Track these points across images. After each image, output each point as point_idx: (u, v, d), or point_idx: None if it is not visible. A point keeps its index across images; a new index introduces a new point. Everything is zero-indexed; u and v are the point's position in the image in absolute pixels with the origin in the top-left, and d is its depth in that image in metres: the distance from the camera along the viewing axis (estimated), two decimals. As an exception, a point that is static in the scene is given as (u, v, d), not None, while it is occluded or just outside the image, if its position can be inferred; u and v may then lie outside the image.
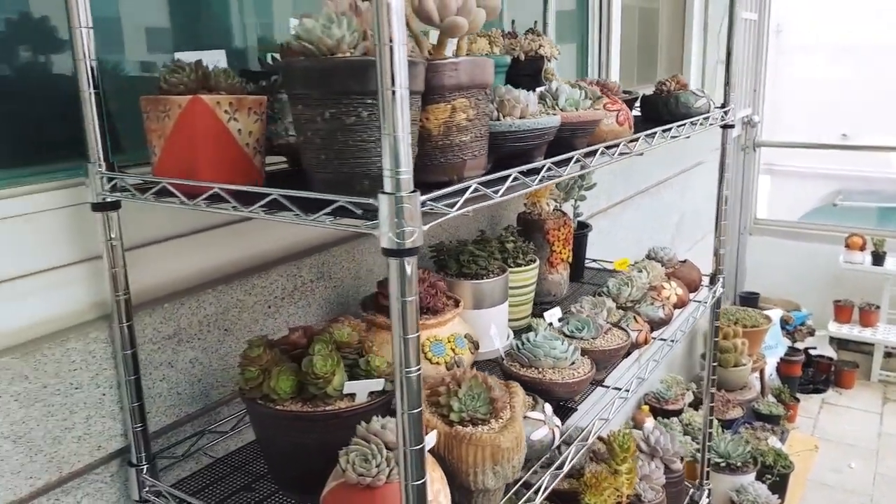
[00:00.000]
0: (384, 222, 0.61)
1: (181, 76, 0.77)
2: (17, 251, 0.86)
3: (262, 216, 0.71)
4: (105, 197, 0.85)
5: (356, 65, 0.65)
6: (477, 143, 0.83)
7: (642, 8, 2.94)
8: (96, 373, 0.90)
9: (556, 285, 1.60)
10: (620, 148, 1.05)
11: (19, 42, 0.93)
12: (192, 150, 0.77)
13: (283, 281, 1.16)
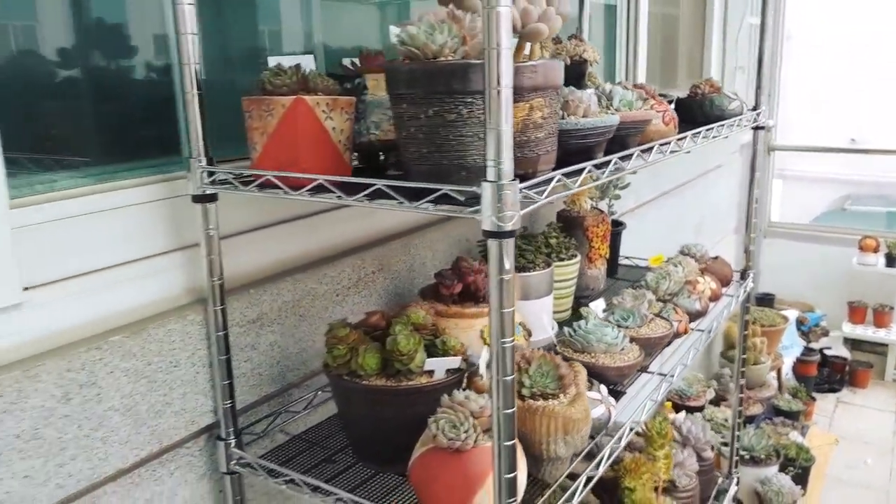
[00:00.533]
0: (487, 207, 0.68)
1: (284, 79, 0.85)
2: (125, 240, 0.94)
3: (365, 205, 0.78)
4: (205, 189, 0.93)
5: (459, 67, 0.72)
6: (549, 139, 0.90)
7: (664, 14, 3.01)
8: (192, 352, 0.98)
9: (595, 280, 1.67)
10: (672, 146, 1.13)
11: (125, 50, 1.01)
12: (293, 146, 0.85)
13: (350, 272, 1.23)
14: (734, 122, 1.49)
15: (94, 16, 0.99)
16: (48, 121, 0.94)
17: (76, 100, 0.97)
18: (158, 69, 1.06)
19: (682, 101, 1.68)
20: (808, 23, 8.19)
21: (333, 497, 0.91)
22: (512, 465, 0.75)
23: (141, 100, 1.04)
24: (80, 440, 0.86)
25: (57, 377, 0.82)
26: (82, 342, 0.85)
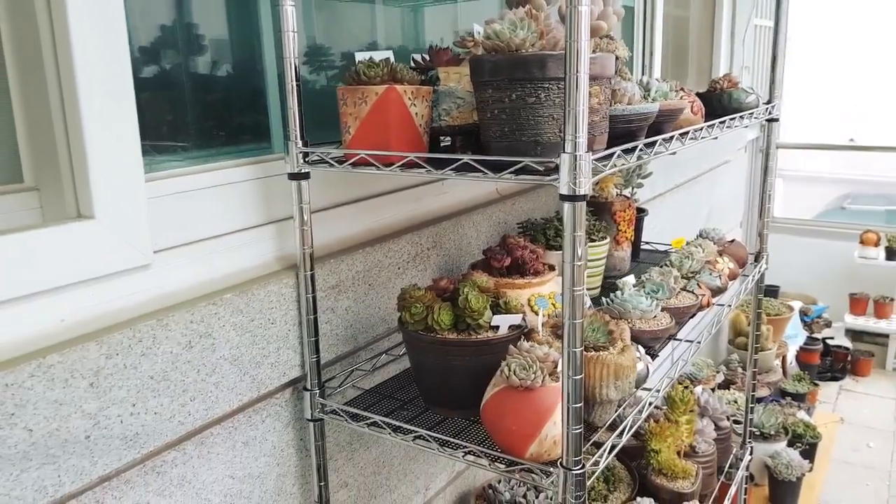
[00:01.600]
0: (564, 175, 0.81)
1: (377, 70, 0.98)
2: (230, 212, 1.07)
3: (451, 177, 0.92)
4: (301, 168, 1.06)
5: (538, 58, 0.86)
6: (603, 122, 1.03)
7: (675, 16, 3.15)
8: (286, 311, 1.11)
9: (621, 261, 1.80)
10: (703, 132, 1.26)
11: (227, 51, 1.15)
12: (385, 129, 0.98)
13: (409, 247, 1.36)
14: (751, 114, 1.62)
15: (207, 24, 1.13)
16: (166, 110, 1.07)
17: (187, 93, 1.11)
18: (252, 67, 1.19)
19: (703, 94, 1.82)
20: (807, 24, 8.31)
21: (413, 435, 1.05)
22: (578, 397, 0.88)
23: (239, 92, 1.18)
24: (198, 384, 0.99)
25: (183, 327, 0.95)
26: (202, 298, 0.99)
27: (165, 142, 1.07)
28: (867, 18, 7.81)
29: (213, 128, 1.13)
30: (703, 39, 3.44)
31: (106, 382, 0.86)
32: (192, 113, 1.12)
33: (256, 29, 1.19)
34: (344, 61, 1.44)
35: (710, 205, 3.40)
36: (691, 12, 3.34)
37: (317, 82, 1.38)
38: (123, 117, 0.90)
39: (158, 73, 1.07)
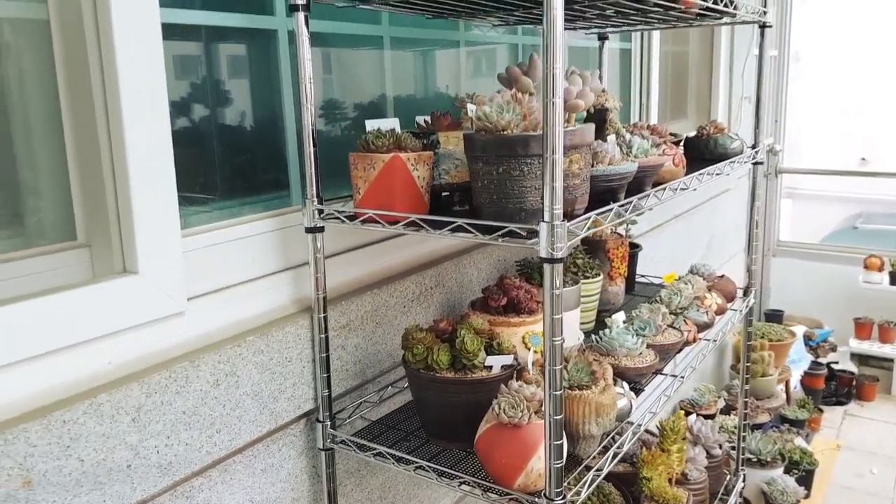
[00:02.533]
0: (543, 241, 0.94)
1: (384, 140, 1.11)
2: (253, 261, 1.21)
3: (447, 237, 1.04)
4: (317, 223, 1.19)
5: (521, 138, 0.98)
6: (584, 184, 1.16)
7: (674, 52, 3.28)
8: (301, 350, 1.24)
9: (615, 295, 1.91)
10: (680, 185, 1.38)
11: (254, 117, 1.29)
12: (390, 191, 1.11)
13: (413, 287, 1.49)
14: (735, 161, 1.74)
15: (232, 89, 1.27)
16: (198, 168, 1.21)
17: (215, 151, 1.25)
18: (275, 129, 1.33)
19: (690, 140, 1.94)
20: (817, 43, 8.39)
21: (414, 465, 1.16)
22: (559, 435, 1.00)
23: (261, 150, 1.31)
24: (223, 417, 1.12)
25: (211, 367, 1.08)
26: (228, 340, 1.12)
27: (198, 194, 1.20)
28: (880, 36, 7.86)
29: (239, 182, 1.27)
30: (703, 73, 3.56)
31: (145, 417, 0.99)
32: (219, 168, 1.26)
33: (278, 94, 1.33)
34: (357, 111, 1.58)
35: (711, 233, 3.51)
36: (690, 47, 3.46)
37: (332, 132, 1.52)
38: (164, 184, 1.04)
39: (189, 133, 1.21)
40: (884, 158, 8.18)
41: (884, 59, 7.87)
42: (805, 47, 8.71)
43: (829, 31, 8.40)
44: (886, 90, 7.89)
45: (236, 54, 1.31)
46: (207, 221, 1.19)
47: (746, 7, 1.66)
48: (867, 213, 8.27)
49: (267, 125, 1.33)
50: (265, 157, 1.33)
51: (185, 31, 1.19)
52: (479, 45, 1.94)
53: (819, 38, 8.39)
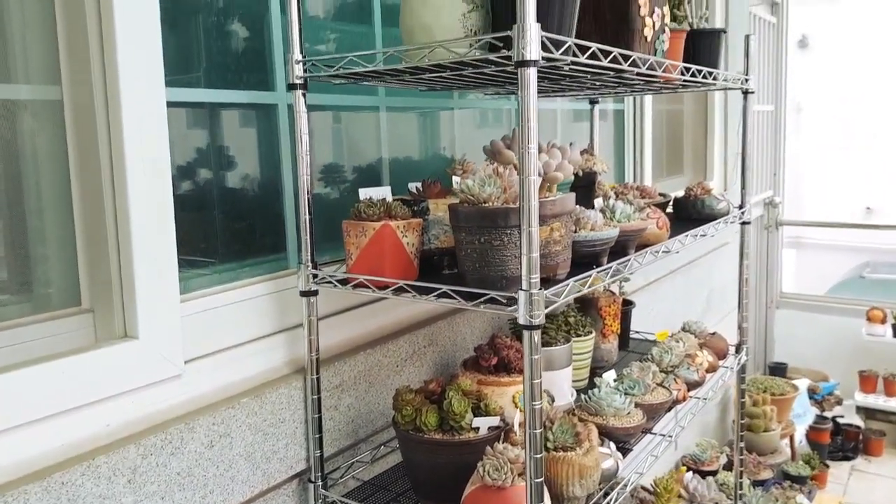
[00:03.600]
0: (521, 309, 0.99)
1: (375, 209, 1.17)
2: (248, 324, 1.26)
3: (434, 302, 1.09)
4: (311, 287, 1.25)
5: (502, 211, 1.04)
6: (565, 250, 1.21)
7: (669, 110, 3.37)
8: (294, 411, 1.28)
9: (608, 353, 1.95)
10: (662, 248, 1.43)
11: (253, 188, 1.36)
12: (380, 257, 1.17)
13: (407, 346, 1.53)
14: (720, 222, 1.79)
15: (233, 156, 1.34)
16: (198, 232, 1.27)
17: (216, 217, 1.31)
18: (274, 195, 1.40)
19: (679, 200, 2.00)
20: (819, 93, 8.53)
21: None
22: (541, 497, 1.03)
23: (260, 216, 1.38)
24: (217, 478, 1.15)
25: (206, 428, 1.12)
26: (223, 402, 1.16)
27: (198, 257, 1.26)
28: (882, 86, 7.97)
29: (238, 246, 1.33)
30: (698, 130, 3.65)
31: (141, 479, 1.03)
32: (219, 233, 1.32)
33: (277, 162, 1.40)
34: (355, 173, 1.65)
35: (710, 287, 3.54)
36: (685, 105, 3.56)
37: (331, 194, 1.58)
38: (165, 253, 1.10)
39: (192, 199, 1.28)
40: (888, 208, 8.21)
41: (886, 109, 7.96)
42: (807, 98, 8.86)
43: (831, 81, 8.53)
44: (890, 139, 7.96)
45: (238, 126, 1.38)
46: (206, 285, 1.25)
47: (726, 77, 1.74)
48: (874, 262, 8.26)
49: (266, 191, 1.40)
50: (263, 222, 1.40)
51: (190, 105, 1.27)
52: (473, 108, 2.02)
53: (821, 89, 8.53)
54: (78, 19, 1.05)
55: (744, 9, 3.83)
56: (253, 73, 1.35)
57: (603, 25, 1.31)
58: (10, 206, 1.05)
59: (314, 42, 1.51)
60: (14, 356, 1.00)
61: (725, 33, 1.80)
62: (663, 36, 1.39)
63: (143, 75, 1.06)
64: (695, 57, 1.74)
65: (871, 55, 8.36)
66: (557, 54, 1.00)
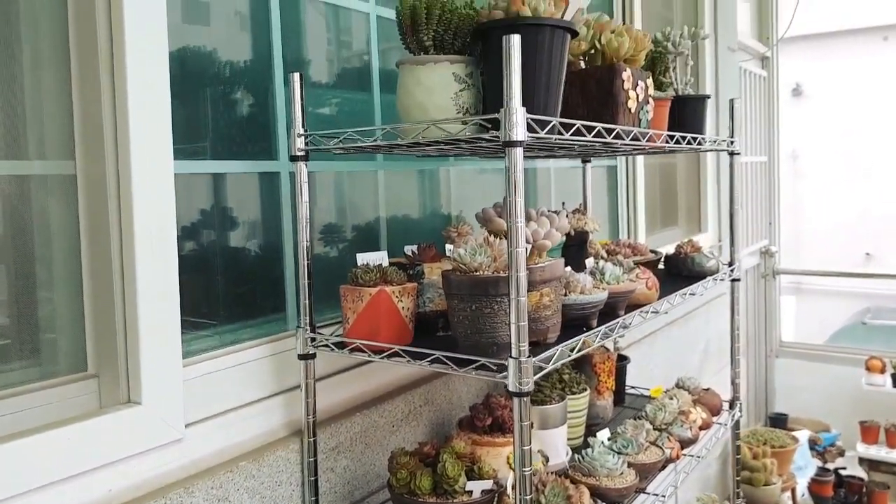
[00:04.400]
0: (511, 376, 1.02)
1: (371, 275, 1.22)
2: (247, 387, 1.29)
3: (427, 367, 1.13)
4: (308, 350, 1.29)
5: (492, 279, 1.09)
6: (555, 315, 1.25)
7: (662, 163, 3.45)
8: (291, 473, 1.30)
9: (603, 409, 1.97)
10: (651, 309, 1.47)
11: (255, 246, 1.41)
12: (376, 322, 1.21)
13: (403, 406, 1.56)
14: (709, 280, 1.84)
15: (235, 222, 1.40)
16: (202, 295, 1.32)
17: (219, 280, 1.36)
18: (275, 258, 1.45)
19: (670, 257, 2.05)
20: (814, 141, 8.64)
21: (397, 588, 1.20)
22: (532, 560, 1.05)
23: (261, 278, 1.43)
24: (214, 540, 1.17)
25: (205, 492, 1.15)
26: (221, 465, 1.19)
27: (200, 319, 1.30)
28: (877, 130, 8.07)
29: (239, 308, 1.38)
30: (691, 183, 3.73)
31: (140, 543, 1.05)
32: (221, 295, 1.36)
33: (279, 226, 1.46)
34: (355, 233, 1.70)
35: (707, 338, 3.56)
36: (678, 158, 3.64)
37: (331, 254, 1.63)
38: (170, 320, 1.14)
39: (195, 262, 1.33)
40: (888, 254, 8.23)
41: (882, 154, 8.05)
42: (803, 145, 8.99)
43: (826, 128, 8.66)
44: (888, 184, 8.04)
45: (242, 192, 1.44)
46: (208, 348, 1.28)
47: (711, 140, 1.81)
48: (875, 307, 8.26)
49: (267, 254, 1.45)
50: (264, 284, 1.44)
51: (198, 174, 1.33)
52: (470, 166, 2.09)
53: (817, 135, 8.66)
54: (93, 97, 1.11)
55: (734, 67, 3.96)
56: (257, 143, 1.42)
57: (589, 99, 1.38)
58: (23, 275, 1.10)
59: (317, 106, 1.58)
60: (22, 420, 1.04)
61: (709, 98, 1.88)
62: (647, 107, 1.46)
63: (154, 151, 1.12)
64: (681, 121, 1.82)
65: (866, 100, 8.51)
66: (542, 133, 1.06)
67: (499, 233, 1.24)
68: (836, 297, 7.96)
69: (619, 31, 1.37)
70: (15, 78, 1.09)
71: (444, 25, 1.19)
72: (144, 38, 1.11)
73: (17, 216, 1.10)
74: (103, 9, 1.10)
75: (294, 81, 1.27)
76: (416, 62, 1.18)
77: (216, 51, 1.36)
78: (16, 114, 1.09)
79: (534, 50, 1.10)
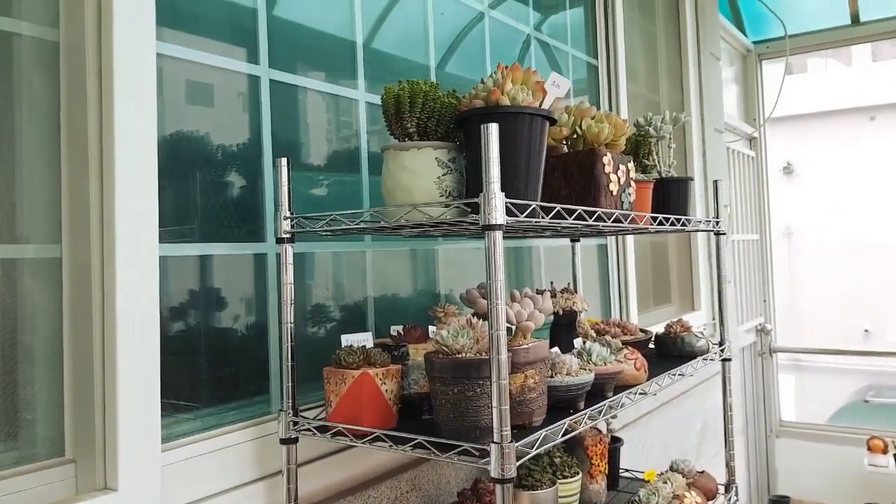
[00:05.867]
0: (494, 461, 1.01)
1: (354, 357, 1.22)
2: (229, 472, 1.27)
3: (409, 452, 1.11)
4: (291, 435, 1.27)
5: (474, 362, 1.09)
6: (540, 397, 1.24)
7: (653, 242, 3.49)
8: (270, 563, 1.26)
9: (596, 494, 1.92)
10: (639, 391, 1.46)
11: (239, 327, 1.41)
12: (359, 406, 1.20)
13: (388, 492, 1.52)
14: (699, 361, 1.83)
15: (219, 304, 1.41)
16: (183, 379, 1.31)
17: (201, 363, 1.35)
18: (259, 340, 1.45)
19: (660, 337, 2.05)
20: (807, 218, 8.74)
21: None
22: None
23: (245, 360, 1.42)
24: None
25: (178, 584, 1.11)
26: (197, 556, 1.15)
27: (181, 401, 1.29)
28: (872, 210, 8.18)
29: (221, 391, 1.36)
30: (683, 260, 3.76)
31: None
32: (204, 377, 1.35)
33: (264, 308, 1.46)
34: (343, 312, 1.70)
35: (704, 418, 3.50)
36: (668, 236, 3.69)
37: (318, 332, 1.63)
38: (149, 408, 1.13)
39: (178, 344, 1.32)
40: (887, 330, 8.20)
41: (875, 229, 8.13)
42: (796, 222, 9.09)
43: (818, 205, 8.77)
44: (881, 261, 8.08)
45: (228, 273, 1.45)
46: (188, 432, 1.26)
47: (696, 221, 1.84)
48: (877, 385, 8.15)
49: (252, 336, 1.45)
50: (248, 366, 1.43)
51: (185, 257, 1.35)
52: (456, 246, 2.11)
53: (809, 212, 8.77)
54: (81, 182, 1.14)
55: (721, 147, 4.06)
56: (245, 225, 1.44)
57: (572, 182, 1.41)
58: (4, 357, 1.09)
59: (307, 188, 1.61)
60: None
61: (692, 180, 1.92)
62: (629, 189, 1.49)
63: (139, 236, 1.14)
64: (665, 202, 1.85)
65: (856, 178, 8.66)
66: (522, 217, 1.08)
67: (483, 314, 1.25)
68: (837, 375, 7.87)
69: (599, 117, 1.42)
70: (5, 162, 1.12)
71: (427, 113, 1.23)
72: (133, 126, 1.14)
73: (1, 298, 1.10)
74: (94, 96, 1.14)
75: (281, 165, 1.31)
76: (400, 147, 1.22)
77: (206, 134, 1.40)
78: (6, 198, 1.11)
79: (513, 137, 1.14)
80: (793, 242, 9.24)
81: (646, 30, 3.40)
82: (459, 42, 2.13)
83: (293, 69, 1.56)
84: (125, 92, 1.13)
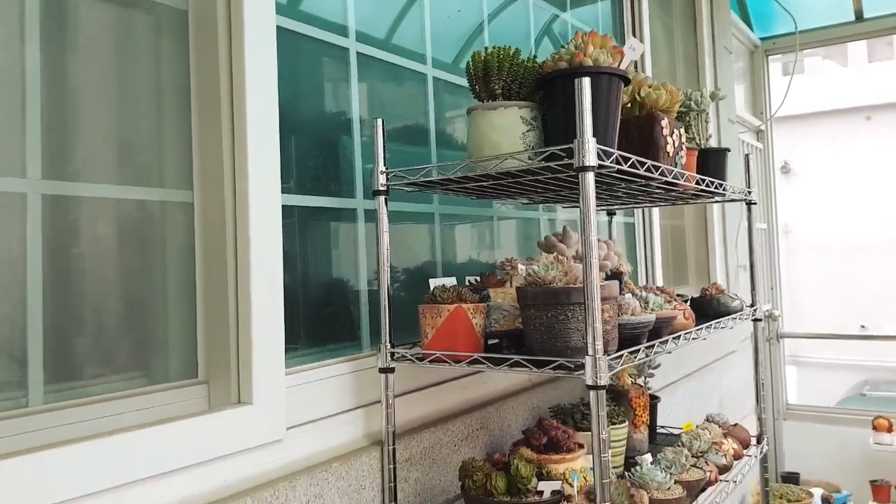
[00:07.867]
0: (588, 371, 1.16)
1: (449, 293, 1.37)
2: (335, 398, 1.42)
3: (505, 371, 1.26)
4: (389, 364, 1.42)
5: (565, 290, 1.24)
6: (613, 330, 1.39)
7: (672, 225, 3.65)
8: (372, 480, 1.41)
9: (640, 443, 2.07)
10: (693, 333, 1.62)
11: (334, 277, 1.56)
12: (454, 335, 1.35)
13: (462, 427, 1.67)
14: (736, 317, 1.99)
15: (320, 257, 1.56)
16: (292, 321, 1.46)
17: (302, 308, 1.50)
18: (351, 289, 1.60)
19: (696, 300, 2.20)
20: (804, 219, 8.91)
21: (477, 584, 1.29)
22: (610, 544, 1.15)
23: (340, 308, 1.57)
24: (309, 536, 1.26)
25: (305, 488, 1.25)
26: (318, 465, 1.29)
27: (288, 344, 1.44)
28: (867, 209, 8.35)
29: (321, 332, 1.51)
30: (699, 244, 3.93)
31: (253, 529, 1.15)
32: (305, 321, 1.50)
33: (355, 260, 1.61)
34: (405, 275, 1.85)
35: (720, 393, 3.66)
36: (685, 221, 3.85)
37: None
38: (276, 332, 1.28)
39: (286, 296, 1.47)
40: (883, 325, 8.37)
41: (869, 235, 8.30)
42: (794, 221, 9.25)
43: (815, 204, 8.93)
44: (877, 259, 8.25)
45: (321, 228, 1.60)
46: (298, 364, 1.41)
47: (733, 188, 2.00)
48: (873, 380, 8.34)
49: (343, 286, 1.60)
50: (343, 313, 1.58)
51: (286, 209, 1.49)
52: (509, 219, 2.27)
53: (806, 212, 8.94)
54: (214, 137, 1.29)
55: (734, 137, 4.23)
56: (339, 183, 1.59)
57: (632, 142, 1.57)
58: (143, 293, 1.24)
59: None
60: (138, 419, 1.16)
61: (729, 151, 2.08)
62: (682, 153, 1.65)
63: (266, 185, 1.29)
64: (704, 171, 2.01)
65: (851, 178, 8.84)
66: (608, 162, 1.24)
67: (562, 255, 1.40)
68: (835, 370, 8.04)
69: (657, 86, 1.58)
70: (141, 115, 1.27)
71: (511, 76, 1.39)
72: (260, 86, 1.30)
73: (140, 237, 1.25)
74: (224, 58, 1.29)
75: (378, 126, 1.46)
76: (488, 108, 1.37)
77: (303, 103, 1.55)
78: (146, 148, 1.26)
79: (595, 94, 1.29)
80: (790, 241, 9.42)
81: (664, 22, 3.57)
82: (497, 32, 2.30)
83: (375, 44, 1.72)
84: (253, 54, 1.28)
